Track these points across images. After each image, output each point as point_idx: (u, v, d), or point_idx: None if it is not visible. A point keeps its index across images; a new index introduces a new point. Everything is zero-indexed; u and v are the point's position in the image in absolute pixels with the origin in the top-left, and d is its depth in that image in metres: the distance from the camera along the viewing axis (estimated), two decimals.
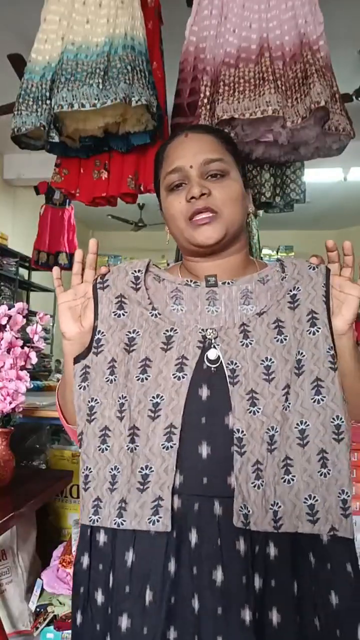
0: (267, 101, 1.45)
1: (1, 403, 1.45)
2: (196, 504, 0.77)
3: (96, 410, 0.83)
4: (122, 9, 1.61)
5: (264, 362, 0.81)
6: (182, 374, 0.80)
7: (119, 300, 0.88)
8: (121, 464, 0.80)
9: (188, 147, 0.91)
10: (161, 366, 0.82)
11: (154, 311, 0.86)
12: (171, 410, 0.79)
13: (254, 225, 3.08)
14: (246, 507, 0.75)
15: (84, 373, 0.86)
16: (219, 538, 0.75)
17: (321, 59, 1.51)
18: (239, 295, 0.87)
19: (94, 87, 1.53)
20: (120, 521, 0.77)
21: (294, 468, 0.78)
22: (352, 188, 5.20)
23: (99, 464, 0.82)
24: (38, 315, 1.56)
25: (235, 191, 0.90)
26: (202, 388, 0.80)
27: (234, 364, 0.81)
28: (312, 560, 0.77)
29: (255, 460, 0.77)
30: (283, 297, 0.85)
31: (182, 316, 0.86)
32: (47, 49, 1.67)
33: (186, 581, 0.75)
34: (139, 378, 0.82)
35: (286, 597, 0.75)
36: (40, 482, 1.64)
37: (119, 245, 7.28)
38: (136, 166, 1.82)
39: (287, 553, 0.76)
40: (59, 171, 1.92)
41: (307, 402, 0.79)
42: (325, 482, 0.77)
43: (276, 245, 6.72)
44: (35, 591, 1.67)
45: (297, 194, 1.96)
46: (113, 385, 0.83)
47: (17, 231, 5.37)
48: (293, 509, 0.76)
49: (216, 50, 1.59)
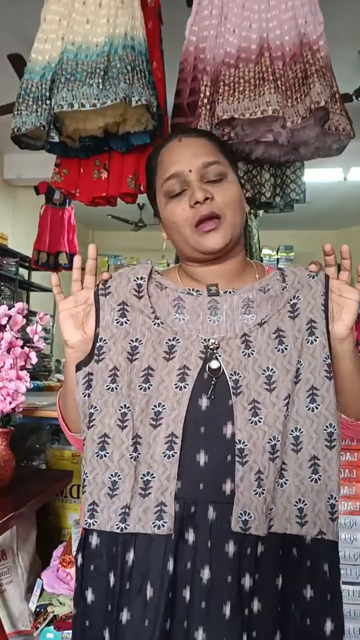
0: (267, 101, 1.45)
1: (1, 403, 1.45)
2: (192, 507, 0.80)
3: (95, 418, 0.84)
4: (122, 9, 1.62)
5: (265, 372, 0.82)
6: (183, 384, 0.81)
7: (122, 307, 0.87)
8: (122, 471, 0.81)
9: (184, 152, 0.90)
10: (163, 375, 0.83)
11: (157, 320, 0.86)
12: (172, 420, 0.80)
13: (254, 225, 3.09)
14: (247, 514, 0.78)
15: (88, 380, 0.86)
16: (210, 540, 0.79)
17: (321, 59, 1.51)
18: (240, 304, 0.87)
19: (94, 87, 1.53)
20: (124, 526, 0.80)
21: (287, 472, 0.81)
22: (352, 188, 5.20)
23: (95, 470, 0.83)
24: (38, 315, 1.56)
25: (235, 193, 0.90)
26: (202, 398, 0.82)
27: (237, 374, 0.82)
28: (295, 557, 0.81)
29: (258, 470, 0.79)
30: (283, 306, 0.86)
31: (184, 325, 0.86)
32: (47, 49, 1.67)
33: (180, 574, 0.79)
34: (142, 387, 0.83)
35: (269, 589, 0.79)
36: (40, 482, 1.65)
37: (119, 245, 7.28)
38: (136, 166, 1.82)
39: (273, 551, 0.80)
40: (59, 171, 1.92)
41: (302, 409, 0.82)
42: (316, 487, 0.81)
43: (276, 245, 6.72)
44: (35, 591, 1.68)
45: (297, 194, 1.95)
46: (114, 393, 0.84)
47: (17, 231, 5.37)
48: (284, 512, 0.80)
49: (216, 50, 1.59)
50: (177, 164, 0.89)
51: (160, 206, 0.94)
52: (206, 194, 0.86)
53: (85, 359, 0.87)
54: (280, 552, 0.80)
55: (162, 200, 0.92)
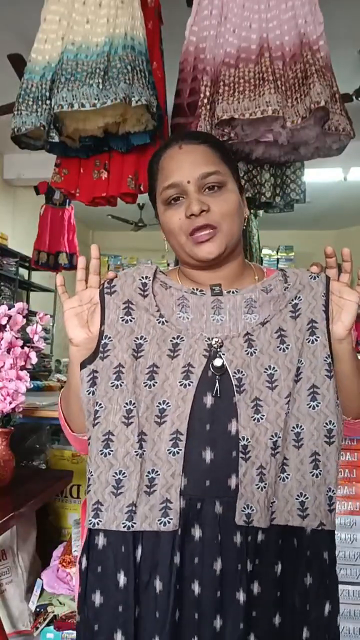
0: (267, 101, 1.45)
1: (1, 403, 1.45)
2: (199, 504, 0.82)
3: (100, 415, 0.84)
4: (122, 9, 1.62)
5: (267, 370, 0.84)
6: (188, 382, 0.83)
7: (127, 306, 0.88)
8: (127, 469, 0.82)
9: (183, 160, 0.91)
10: (168, 373, 0.84)
11: (161, 318, 0.87)
12: (177, 417, 0.82)
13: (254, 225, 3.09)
14: (249, 507, 0.81)
15: (92, 378, 0.86)
16: (219, 534, 0.81)
17: (321, 59, 1.51)
18: (243, 304, 0.89)
19: (94, 87, 1.53)
20: (131, 524, 0.81)
21: (289, 467, 0.83)
22: (352, 188, 5.20)
23: (100, 468, 0.83)
24: (38, 315, 1.56)
25: (232, 203, 0.91)
26: (206, 396, 0.83)
27: (240, 372, 0.84)
28: (295, 546, 0.84)
29: (260, 465, 0.81)
30: (285, 306, 0.87)
31: (188, 324, 0.88)
32: (47, 49, 1.67)
33: (188, 569, 0.82)
34: (147, 384, 0.84)
35: (268, 574, 0.83)
36: (40, 482, 1.64)
37: (119, 245, 7.28)
38: (136, 166, 1.82)
39: (273, 540, 0.83)
40: (59, 171, 1.92)
41: (303, 407, 0.84)
42: (317, 482, 0.84)
43: (276, 245, 6.73)
44: (35, 591, 1.68)
45: (297, 194, 1.96)
46: (119, 390, 0.84)
47: (17, 231, 5.37)
48: (285, 505, 0.83)
49: (216, 50, 1.59)
50: (177, 173, 0.90)
51: (159, 211, 0.96)
52: (202, 206, 0.87)
53: (90, 357, 0.88)
54: (279, 541, 0.83)
55: (161, 206, 0.94)
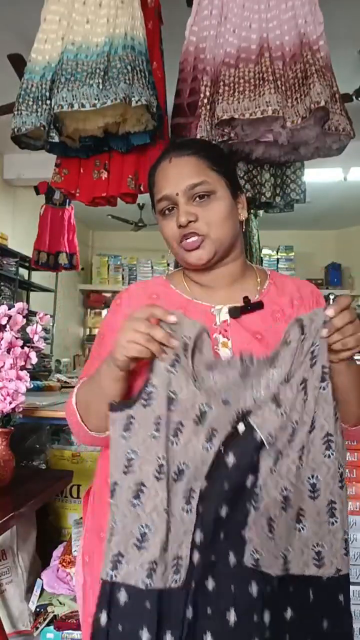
0: (267, 101, 1.45)
1: (1, 403, 1.45)
2: (213, 556, 0.82)
3: (134, 463, 0.83)
4: (122, 9, 1.62)
5: (294, 424, 0.83)
6: (209, 444, 0.82)
7: (175, 359, 0.85)
8: (154, 524, 0.80)
9: (172, 174, 0.97)
10: (191, 435, 0.83)
11: (194, 381, 0.86)
12: (194, 476, 0.82)
13: (254, 225, 3.08)
14: (257, 552, 0.81)
15: (128, 423, 0.84)
16: (232, 585, 0.81)
17: (321, 59, 1.51)
18: (268, 362, 0.86)
19: (94, 87, 1.53)
20: (149, 582, 0.79)
21: (304, 519, 0.83)
22: (352, 188, 5.19)
23: (127, 518, 0.82)
24: (38, 315, 1.56)
25: (221, 210, 0.95)
26: (228, 456, 0.82)
27: (271, 436, 0.82)
28: (310, 594, 0.84)
29: (269, 517, 0.81)
30: (304, 357, 0.86)
31: (217, 391, 0.86)
32: (47, 49, 1.67)
33: (200, 621, 0.81)
34: (172, 441, 0.83)
35: (282, 621, 0.82)
36: (40, 482, 1.64)
37: (119, 245, 7.28)
38: (136, 166, 1.82)
39: (288, 588, 0.83)
40: (59, 171, 1.92)
41: (318, 457, 0.84)
42: (333, 529, 0.83)
43: (276, 245, 6.73)
44: (35, 591, 1.68)
45: (297, 194, 1.95)
46: (155, 441, 0.83)
47: (17, 231, 5.37)
48: (301, 555, 0.83)
49: (216, 50, 1.59)
50: (167, 186, 0.96)
51: (157, 220, 1.02)
52: (189, 217, 0.93)
53: (127, 401, 0.86)
54: (295, 589, 0.83)
55: (158, 216, 1.01)
